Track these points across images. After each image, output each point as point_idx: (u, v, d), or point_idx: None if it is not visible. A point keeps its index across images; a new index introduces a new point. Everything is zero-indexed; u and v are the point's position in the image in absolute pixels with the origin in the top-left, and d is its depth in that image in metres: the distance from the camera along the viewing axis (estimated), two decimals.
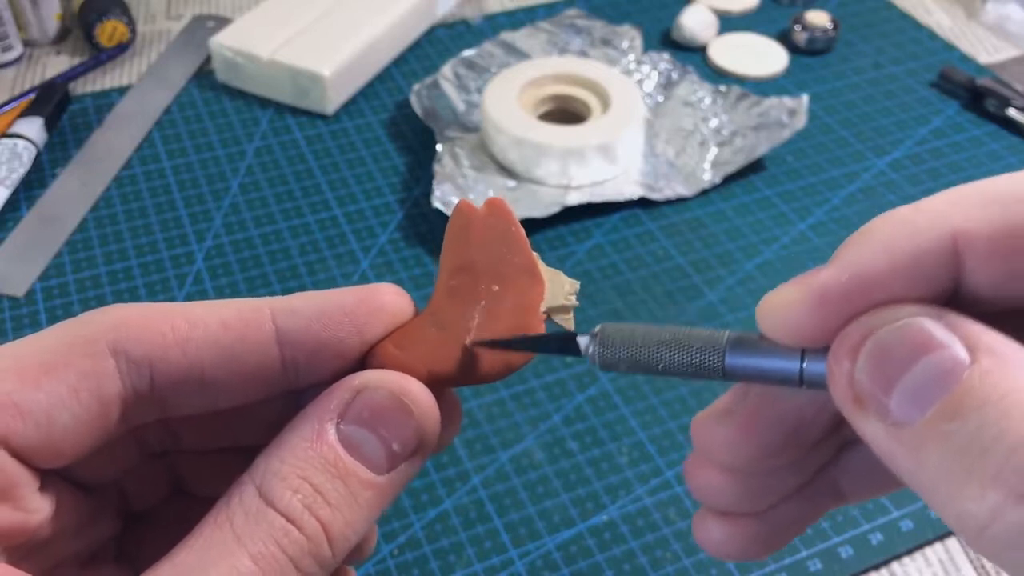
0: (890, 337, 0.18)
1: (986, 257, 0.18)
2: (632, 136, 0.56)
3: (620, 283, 0.51)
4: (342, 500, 0.20)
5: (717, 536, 0.24)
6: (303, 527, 0.19)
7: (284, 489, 0.19)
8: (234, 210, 0.55)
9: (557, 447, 0.43)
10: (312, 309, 0.22)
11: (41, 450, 0.20)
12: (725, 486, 0.24)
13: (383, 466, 0.20)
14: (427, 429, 0.21)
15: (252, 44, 0.62)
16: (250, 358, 0.21)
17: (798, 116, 0.59)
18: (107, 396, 0.20)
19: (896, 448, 0.18)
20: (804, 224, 0.55)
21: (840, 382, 0.19)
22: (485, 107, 0.57)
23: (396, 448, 0.21)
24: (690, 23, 0.68)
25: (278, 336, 0.21)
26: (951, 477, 0.16)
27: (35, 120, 0.57)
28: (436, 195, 0.53)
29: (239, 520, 0.19)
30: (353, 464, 0.20)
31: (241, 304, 0.21)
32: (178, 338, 0.21)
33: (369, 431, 0.20)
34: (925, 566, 0.40)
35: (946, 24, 0.74)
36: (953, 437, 0.16)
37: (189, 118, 0.62)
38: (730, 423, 0.23)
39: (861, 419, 0.18)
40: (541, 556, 0.39)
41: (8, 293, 0.50)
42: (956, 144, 0.62)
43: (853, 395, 0.18)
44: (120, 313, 0.21)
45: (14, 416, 0.19)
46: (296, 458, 0.20)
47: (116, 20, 0.66)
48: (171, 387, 0.21)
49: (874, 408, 0.18)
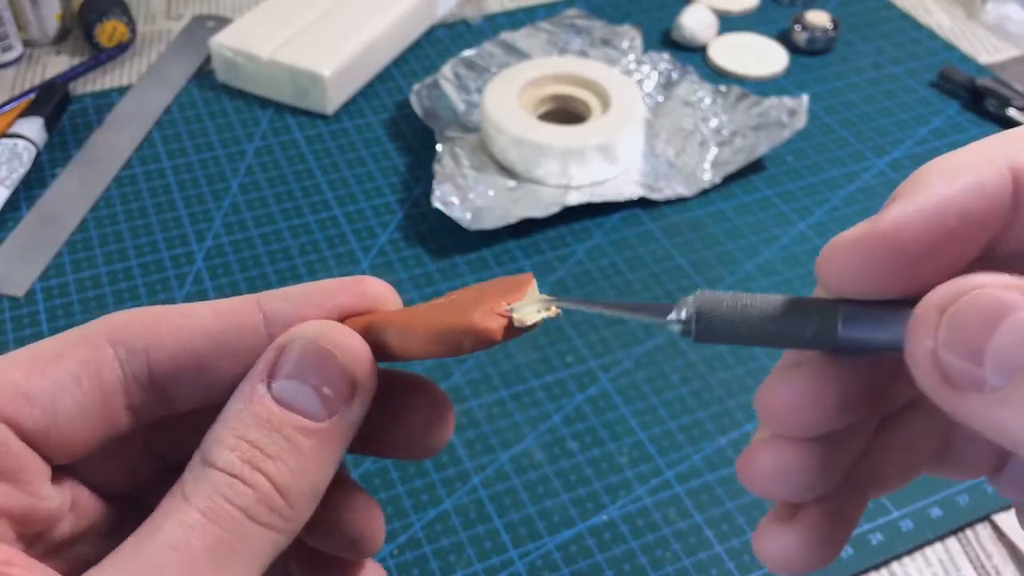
0: (966, 308, 0.18)
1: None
2: (632, 136, 0.56)
3: (620, 283, 0.51)
4: (283, 451, 0.20)
5: (788, 543, 0.23)
6: (247, 480, 0.20)
7: (222, 450, 0.20)
8: (234, 210, 0.55)
9: (557, 447, 0.43)
10: (298, 294, 0.22)
11: (49, 436, 0.21)
12: (797, 461, 0.22)
13: (321, 413, 0.21)
14: (356, 369, 0.21)
15: (252, 44, 0.62)
16: (240, 341, 0.22)
17: (798, 116, 0.59)
18: (107, 383, 0.21)
19: (1003, 413, 0.17)
20: (804, 224, 0.55)
21: (925, 363, 0.18)
22: (485, 107, 0.57)
23: (328, 392, 0.21)
24: (690, 23, 0.68)
25: (265, 319, 0.22)
26: None
27: (35, 120, 0.57)
28: (436, 195, 0.53)
29: (188, 484, 0.20)
30: (286, 415, 0.21)
31: (234, 298, 0.23)
32: (172, 327, 0.22)
33: (299, 382, 0.21)
34: (925, 566, 0.40)
35: (946, 24, 0.74)
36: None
37: (189, 118, 0.62)
38: (802, 376, 0.22)
39: (955, 398, 0.18)
40: (541, 556, 0.39)
41: (8, 293, 0.50)
42: (956, 144, 0.61)
43: (941, 374, 0.18)
44: (119, 314, 0.22)
45: (21, 402, 0.20)
46: (232, 421, 0.21)
47: (116, 20, 0.66)
48: (169, 374, 0.22)
49: (969, 382, 0.18)
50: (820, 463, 0.22)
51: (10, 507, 0.20)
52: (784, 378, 0.22)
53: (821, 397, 0.22)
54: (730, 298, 0.21)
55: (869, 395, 0.22)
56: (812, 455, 0.22)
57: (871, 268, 0.19)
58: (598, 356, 0.47)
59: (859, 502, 0.24)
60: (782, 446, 0.23)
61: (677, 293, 0.51)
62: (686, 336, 0.21)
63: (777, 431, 0.23)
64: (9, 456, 0.20)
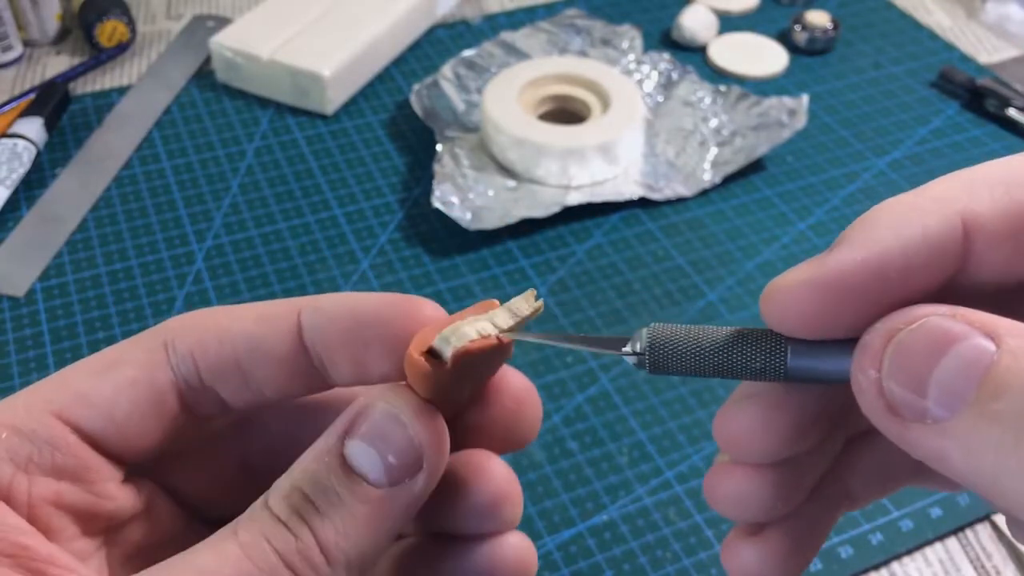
0: (911, 338, 0.18)
1: (995, 239, 0.18)
2: (632, 136, 0.56)
3: (620, 283, 0.51)
4: (334, 510, 0.20)
5: (751, 558, 0.23)
6: (292, 528, 0.20)
7: (279, 496, 0.21)
8: (234, 210, 0.55)
9: (557, 447, 0.43)
10: (336, 309, 0.22)
11: (109, 436, 0.22)
12: (754, 486, 0.23)
13: (382, 480, 0.21)
14: (423, 441, 0.21)
15: (252, 44, 0.62)
16: (276, 349, 0.22)
17: (798, 116, 0.59)
18: (160, 384, 0.22)
19: (945, 444, 0.17)
20: (804, 224, 0.55)
21: (869, 393, 0.18)
22: (485, 107, 0.57)
23: (392, 460, 0.21)
24: (690, 23, 0.68)
25: (301, 331, 0.22)
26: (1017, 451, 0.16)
27: (35, 120, 0.57)
28: (436, 195, 0.53)
29: (243, 520, 0.21)
30: (347, 475, 0.21)
31: (281, 301, 0.23)
32: (218, 331, 0.22)
33: (368, 445, 0.21)
34: (925, 566, 0.40)
35: (946, 24, 0.74)
36: (1004, 414, 0.16)
37: (189, 118, 0.62)
38: (756, 405, 0.22)
39: (899, 427, 0.18)
40: (541, 556, 0.39)
41: (8, 293, 0.50)
42: (956, 144, 0.62)
43: (885, 404, 0.18)
44: (179, 317, 0.23)
45: (83, 406, 0.21)
46: (298, 471, 0.21)
47: (116, 20, 0.66)
48: (215, 376, 0.23)
49: (912, 413, 0.18)
50: (781, 486, 0.23)
51: (73, 503, 0.21)
52: (740, 407, 0.22)
53: (776, 425, 0.22)
54: (683, 330, 0.21)
55: (827, 419, 0.22)
56: (772, 479, 0.23)
57: (813, 312, 0.19)
58: (598, 356, 0.47)
59: (828, 517, 0.25)
60: (742, 471, 0.23)
61: (677, 293, 0.51)
62: (641, 368, 0.22)
63: (735, 458, 0.23)
64: (70, 456, 0.21)
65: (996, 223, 0.18)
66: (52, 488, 0.21)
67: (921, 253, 0.18)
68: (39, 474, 0.21)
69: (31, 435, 0.21)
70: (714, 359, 0.21)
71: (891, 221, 0.19)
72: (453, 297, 0.50)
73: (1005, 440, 0.16)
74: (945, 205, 0.19)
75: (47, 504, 0.21)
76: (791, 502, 0.23)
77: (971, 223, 0.18)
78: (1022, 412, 0.16)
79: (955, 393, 0.17)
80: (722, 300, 0.50)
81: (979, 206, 0.18)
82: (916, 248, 0.18)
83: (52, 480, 0.21)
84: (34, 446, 0.21)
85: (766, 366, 0.20)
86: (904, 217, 0.19)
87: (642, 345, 0.21)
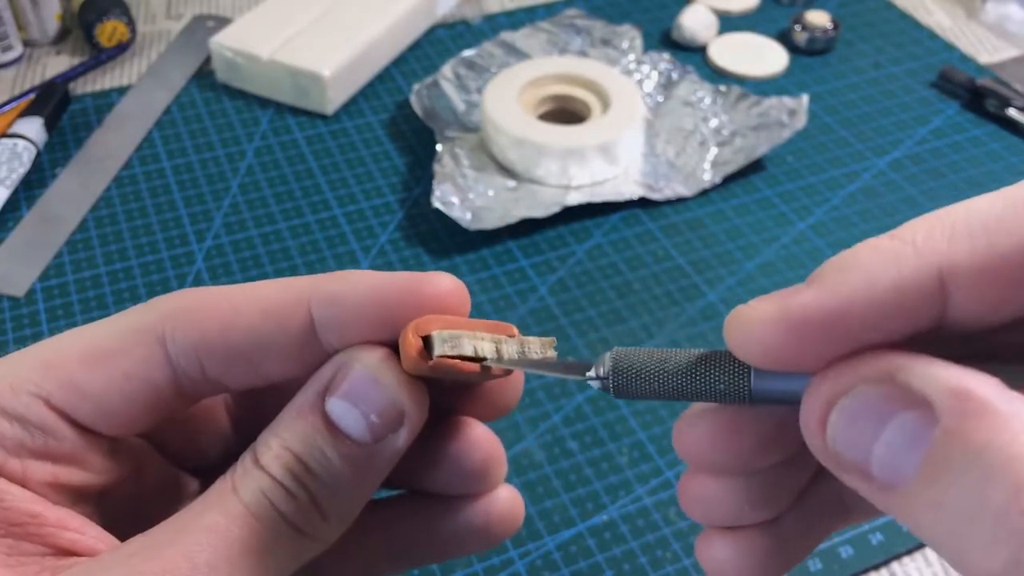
0: (856, 403, 0.18)
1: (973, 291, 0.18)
2: (632, 136, 0.56)
3: (620, 283, 0.51)
4: (323, 468, 0.21)
5: (723, 555, 0.23)
6: (289, 488, 0.21)
7: (271, 456, 0.21)
8: (234, 210, 0.55)
9: (557, 447, 0.43)
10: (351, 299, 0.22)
11: (100, 423, 0.22)
12: (722, 494, 0.23)
13: (367, 438, 0.21)
14: (406, 402, 0.22)
15: (252, 44, 0.62)
16: (287, 344, 0.22)
17: (798, 116, 0.59)
18: (157, 381, 0.22)
19: (889, 507, 0.17)
20: (804, 224, 0.55)
21: (818, 448, 0.18)
22: (485, 107, 0.57)
23: (375, 419, 0.21)
24: (690, 23, 0.68)
25: (314, 324, 0.22)
26: (952, 540, 0.16)
27: (35, 120, 0.57)
28: (436, 195, 0.53)
29: (238, 478, 0.21)
30: (332, 434, 0.21)
31: (282, 287, 0.22)
32: (222, 327, 0.22)
33: (350, 404, 0.21)
34: (925, 566, 0.40)
35: (946, 24, 0.74)
36: (940, 504, 0.16)
37: (189, 118, 0.62)
38: (710, 421, 0.22)
39: (847, 479, 0.18)
40: (541, 556, 0.39)
41: (8, 293, 0.50)
42: (956, 144, 0.62)
43: (834, 460, 0.18)
44: (173, 303, 0.23)
45: (74, 395, 0.21)
46: (283, 430, 0.21)
47: (116, 20, 0.66)
48: (220, 370, 0.22)
49: (857, 473, 0.18)
50: (749, 493, 0.23)
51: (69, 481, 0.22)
52: (694, 421, 0.22)
53: (731, 441, 0.22)
54: (647, 354, 0.21)
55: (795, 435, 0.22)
56: (738, 486, 0.23)
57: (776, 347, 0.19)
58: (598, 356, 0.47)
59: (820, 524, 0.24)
60: (706, 477, 0.23)
61: (677, 293, 0.51)
62: (606, 392, 0.22)
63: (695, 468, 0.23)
64: (64, 441, 0.22)
65: (975, 275, 0.18)
66: (48, 471, 0.21)
67: (890, 301, 0.18)
68: (32, 459, 0.21)
69: (21, 420, 0.21)
70: (677, 382, 0.21)
71: (866, 265, 0.18)
72: None
73: (942, 529, 0.16)
74: (924, 256, 0.18)
75: (43, 485, 0.21)
76: (766, 510, 0.23)
77: (948, 274, 0.18)
78: (958, 505, 0.16)
79: (897, 468, 0.17)
80: (722, 300, 0.50)
81: (959, 255, 0.18)
82: (886, 296, 0.18)
83: (48, 464, 0.21)
84: (26, 432, 0.21)
85: (729, 389, 0.20)
86: (879, 262, 0.18)
87: (606, 369, 0.21)
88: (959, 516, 0.16)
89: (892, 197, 0.57)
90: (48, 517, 0.21)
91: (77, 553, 0.21)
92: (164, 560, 0.19)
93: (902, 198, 0.57)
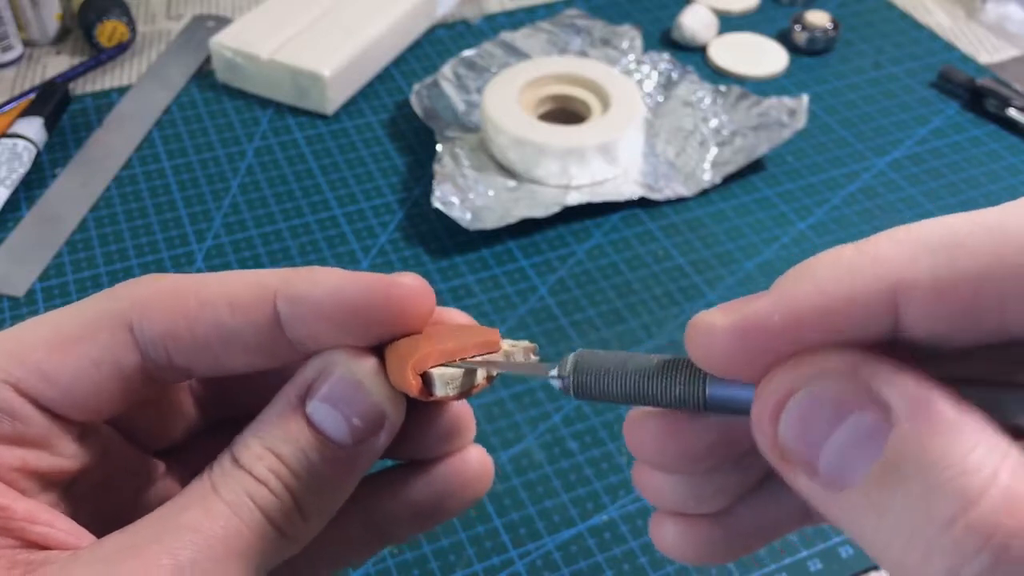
0: (811, 398, 0.18)
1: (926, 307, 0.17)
2: (632, 136, 0.56)
3: (620, 283, 0.51)
4: (304, 470, 0.22)
5: (671, 537, 0.24)
6: (271, 488, 0.21)
7: (252, 456, 0.21)
8: (234, 210, 0.55)
9: (557, 447, 0.43)
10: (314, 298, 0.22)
11: (69, 409, 0.22)
12: (667, 487, 0.23)
13: (348, 441, 0.22)
14: (387, 406, 0.22)
15: (252, 44, 0.62)
16: (253, 339, 0.22)
17: (798, 116, 0.59)
18: (126, 367, 0.22)
19: (830, 509, 0.17)
20: (804, 224, 0.55)
21: (766, 439, 0.18)
22: (485, 107, 0.57)
23: (357, 423, 0.22)
24: (690, 23, 0.68)
25: (280, 320, 0.22)
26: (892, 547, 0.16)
27: (35, 120, 0.57)
28: (436, 195, 0.53)
29: (216, 477, 0.21)
30: (314, 437, 0.22)
31: (251, 281, 0.23)
32: (188, 319, 0.22)
33: (332, 407, 0.22)
34: None
35: (946, 24, 0.74)
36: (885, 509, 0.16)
37: (189, 118, 0.62)
38: (656, 422, 0.22)
39: (791, 475, 0.18)
40: (541, 556, 0.39)
41: (8, 293, 0.50)
42: (956, 144, 0.62)
43: (780, 453, 0.18)
44: (142, 291, 0.23)
45: (41, 381, 0.22)
46: (264, 430, 0.22)
47: (116, 20, 0.66)
48: (186, 359, 0.23)
49: (803, 468, 0.18)
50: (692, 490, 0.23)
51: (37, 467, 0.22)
52: (644, 419, 0.22)
53: (679, 443, 0.22)
54: (611, 356, 0.21)
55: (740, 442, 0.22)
56: (681, 483, 0.23)
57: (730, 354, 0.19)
58: None
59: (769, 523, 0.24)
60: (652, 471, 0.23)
61: (677, 293, 0.51)
62: (566, 392, 0.22)
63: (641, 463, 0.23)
64: (32, 426, 0.22)
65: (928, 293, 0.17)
66: (17, 455, 0.21)
67: (841, 313, 0.18)
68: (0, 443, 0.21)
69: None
70: (635, 385, 0.21)
71: (822, 276, 0.18)
72: (453, 297, 0.50)
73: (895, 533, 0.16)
74: (881, 269, 0.18)
75: (12, 471, 0.21)
76: (710, 505, 0.23)
77: (904, 292, 0.17)
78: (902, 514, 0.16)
79: (845, 467, 0.17)
80: (722, 300, 0.50)
81: (917, 274, 0.17)
82: (838, 308, 0.18)
83: (17, 448, 0.21)
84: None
85: (685, 395, 0.20)
86: (835, 275, 0.18)
87: (567, 369, 0.22)
88: (902, 524, 0.16)
89: (892, 197, 0.57)
90: (16, 510, 0.21)
91: (48, 547, 0.21)
92: (146, 558, 0.19)
93: (902, 198, 0.57)
